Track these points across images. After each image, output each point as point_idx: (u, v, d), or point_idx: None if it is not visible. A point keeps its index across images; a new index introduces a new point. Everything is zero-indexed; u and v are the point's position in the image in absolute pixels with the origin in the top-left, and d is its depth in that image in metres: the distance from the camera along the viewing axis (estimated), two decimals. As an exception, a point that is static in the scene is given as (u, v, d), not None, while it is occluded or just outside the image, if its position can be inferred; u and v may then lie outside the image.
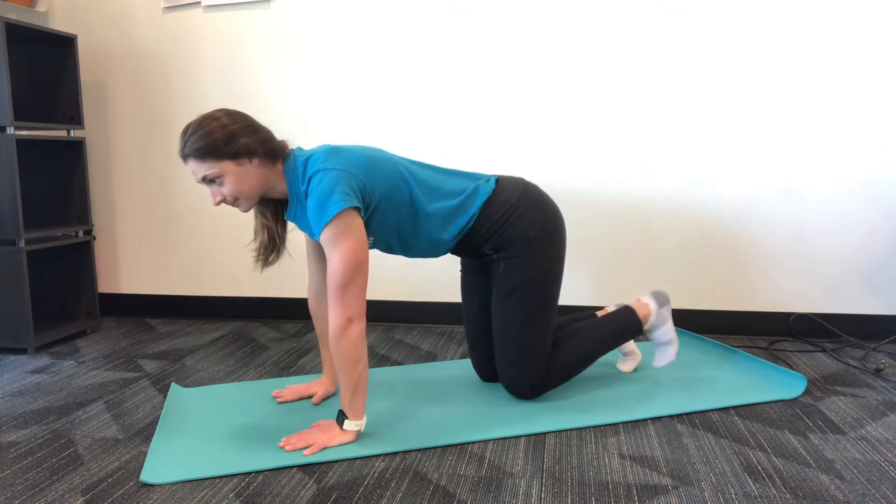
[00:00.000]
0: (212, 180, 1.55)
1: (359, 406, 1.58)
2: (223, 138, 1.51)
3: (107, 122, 2.87)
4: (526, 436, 1.64)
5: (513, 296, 1.75)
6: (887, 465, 1.47)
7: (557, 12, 2.45)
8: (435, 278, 2.68)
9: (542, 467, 1.48)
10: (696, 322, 2.52)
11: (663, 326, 1.91)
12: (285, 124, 2.70)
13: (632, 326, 1.89)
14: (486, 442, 1.61)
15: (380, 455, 1.54)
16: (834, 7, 2.28)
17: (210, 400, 1.90)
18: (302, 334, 2.60)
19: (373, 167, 1.61)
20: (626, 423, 1.70)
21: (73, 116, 2.61)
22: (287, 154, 1.63)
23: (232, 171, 1.53)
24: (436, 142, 2.60)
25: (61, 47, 2.58)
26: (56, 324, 2.62)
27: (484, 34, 2.51)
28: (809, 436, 1.62)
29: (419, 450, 1.57)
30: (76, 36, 2.57)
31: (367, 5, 2.57)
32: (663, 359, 1.93)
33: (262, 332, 2.63)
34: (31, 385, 2.06)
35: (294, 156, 1.62)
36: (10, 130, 2.30)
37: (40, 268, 2.74)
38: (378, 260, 2.71)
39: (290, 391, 1.89)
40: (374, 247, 1.74)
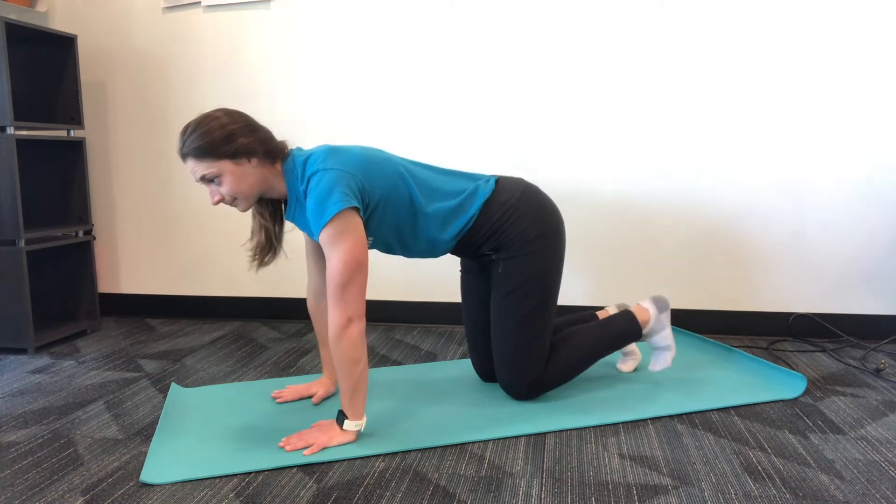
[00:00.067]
0: (210, 180, 1.55)
1: (359, 406, 1.58)
2: (222, 138, 1.51)
3: (107, 122, 2.87)
4: (526, 436, 1.64)
5: (512, 296, 1.75)
6: (887, 465, 1.47)
7: (557, 12, 2.45)
8: (435, 278, 2.68)
9: (542, 467, 1.48)
10: (696, 322, 2.52)
11: (662, 332, 1.91)
12: (285, 124, 2.70)
13: (631, 330, 1.89)
14: (486, 442, 1.61)
15: (380, 455, 1.54)
16: (834, 7, 2.29)
17: (210, 400, 1.90)
18: (302, 334, 2.60)
19: (372, 167, 1.61)
20: (626, 423, 1.70)
21: (73, 116, 2.61)
22: (286, 154, 1.62)
23: (230, 171, 1.53)
24: (436, 142, 2.60)
25: (61, 47, 2.58)
26: (56, 324, 2.62)
27: (484, 34, 2.51)
28: (809, 436, 1.62)
29: (419, 450, 1.57)
30: (76, 36, 2.57)
31: (367, 5, 2.57)
32: (659, 364, 1.93)
33: (262, 332, 2.63)
34: (31, 385, 2.06)
35: (293, 156, 1.62)
36: (10, 130, 2.30)
37: (40, 268, 2.74)
38: (378, 260, 2.71)
39: (290, 391, 1.89)
40: (374, 247, 1.74)
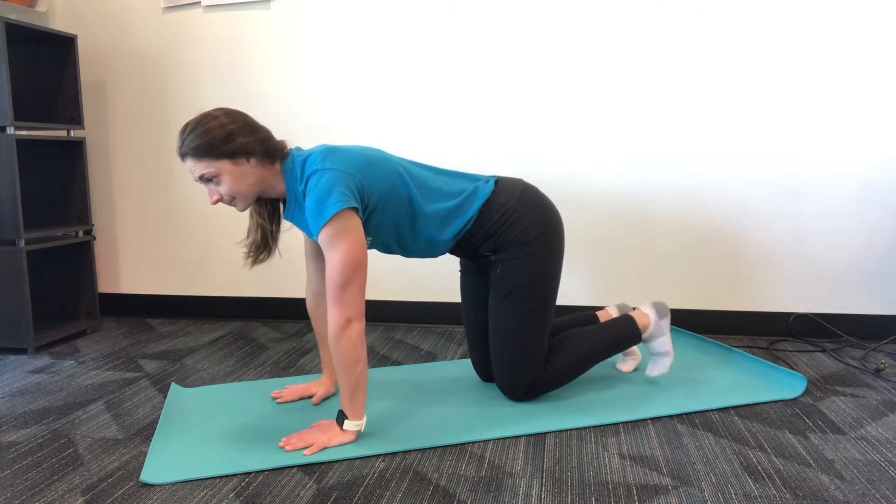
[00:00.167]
0: (209, 179, 1.54)
1: (358, 406, 1.58)
2: (221, 137, 1.51)
3: (107, 122, 2.87)
4: (526, 436, 1.64)
5: (510, 297, 1.75)
6: (887, 465, 1.47)
7: (557, 12, 2.45)
8: (435, 278, 2.68)
9: (542, 467, 1.48)
10: (696, 322, 2.52)
11: (661, 338, 1.91)
12: (285, 124, 2.70)
13: (630, 335, 1.89)
14: (486, 442, 1.61)
15: (380, 455, 1.54)
16: (834, 8, 2.28)
17: (210, 400, 1.90)
18: (302, 334, 2.60)
19: (371, 167, 1.61)
20: (626, 423, 1.70)
21: (73, 116, 2.61)
22: (285, 154, 1.62)
23: (229, 171, 1.53)
24: (436, 142, 2.60)
25: (61, 47, 2.58)
26: (56, 324, 2.62)
27: (484, 34, 2.51)
28: (809, 436, 1.61)
29: (419, 450, 1.57)
30: (76, 36, 2.57)
31: (367, 5, 2.57)
32: (657, 370, 1.93)
33: (262, 332, 2.63)
34: (31, 385, 2.06)
35: (292, 155, 1.62)
36: (10, 130, 2.30)
37: (40, 268, 2.74)
38: (378, 260, 2.71)
39: (289, 391, 1.89)
40: (373, 247, 1.73)
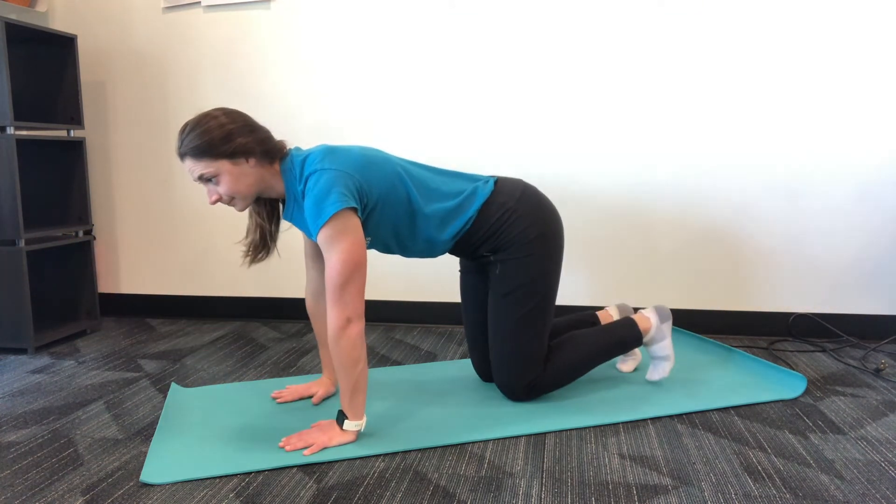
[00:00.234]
0: (208, 179, 1.54)
1: (358, 406, 1.58)
2: (220, 137, 1.51)
3: (107, 122, 2.87)
4: (526, 436, 1.64)
5: (509, 297, 1.75)
6: (887, 465, 1.47)
7: (557, 12, 2.45)
8: (435, 278, 2.68)
9: (542, 467, 1.48)
10: (696, 322, 2.52)
11: (662, 342, 1.91)
12: (285, 124, 2.70)
13: (631, 338, 1.89)
14: (486, 442, 1.61)
15: (380, 455, 1.54)
16: (834, 9, 2.28)
17: (210, 400, 1.90)
18: (302, 334, 2.60)
19: (370, 167, 1.61)
20: (626, 423, 1.70)
21: (73, 116, 2.61)
22: (285, 154, 1.62)
23: (228, 171, 1.53)
24: (436, 141, 2.60)
25: (61, 47, 2.58)
26: (56, 324, 2.62)
27: (484, 34, 2.51)
28: (809, 436, 1.61)
29: (419, 450, 1.57)
30: (76, 36, 2.57)
31: (367, 5, 2.57)
32: (657, 374, 1.93)
33: (262, 332, 2.63)
34: (31, 385, 2.06)
35: (291, 156, 1.62)
36: (10, 130, 2.30)
37: (40, 268, 2.74)
38: (378, 260, 2.71)
39: (289, 391, 1.89)
40: (372, 247, 1.73)
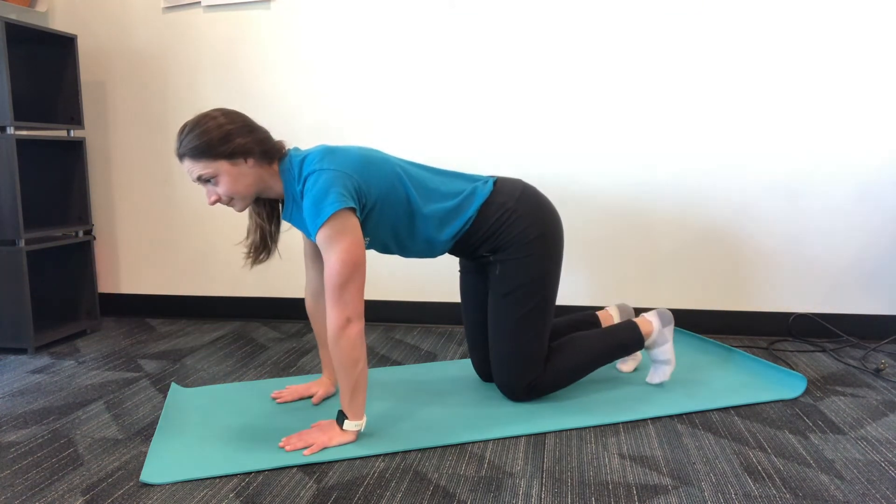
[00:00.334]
0: (207, 180, 1.55)
1: (358, 406, 1.58)
2: (219, 138, 1.51)
3: (107, 122, 2.87)
4: (526, 436, 1.64)
5: (509, 298, 1.75)
6: (887, 465, 1.47)
7: (557, 12, 2.45)
8: (435, 278, 2.68)
9: (542, 467, 1.48)
10: (696, 322, 2.52)
11: (663, 345, 1.91)
12: (285, 124, 2.70)
13: (633, 341, 1.89)
14: (486, 442, 1.61)
15: (380, 455, 1.54)
16: (834, 9, 2.28)
17: (210, 400, 1.90)
18: (302, 334, 2.60)
19: (369, 167, 1.61)
20: (626, 423, 1.70)
21: (73, 116, 2.61)
22: (283, 154, 1.62)
23: (227, 171, 1.53)
24: (436, 141, 2.60)
25: (61, 47, 2.58)
26: (56, 324, 2.62)
27: (484, 34, 2.51)
28: (809, 436, 1.61)
29: (419, 450, 1.57)
30: (76, 36, 2.57)
31: (367, 6, 2.57)
32: (657, 377, 1.93)
33: (262, 332, 2.63)
34: (31, 385, 2.06)
35: (290, 156, 1.62)
36: (10, 130, 2.30)
37: (40, 268, 2.74)
38: (378, 260, 2.71)
39: (289, 391, 1.89)
40: (371, 247, 1.73)
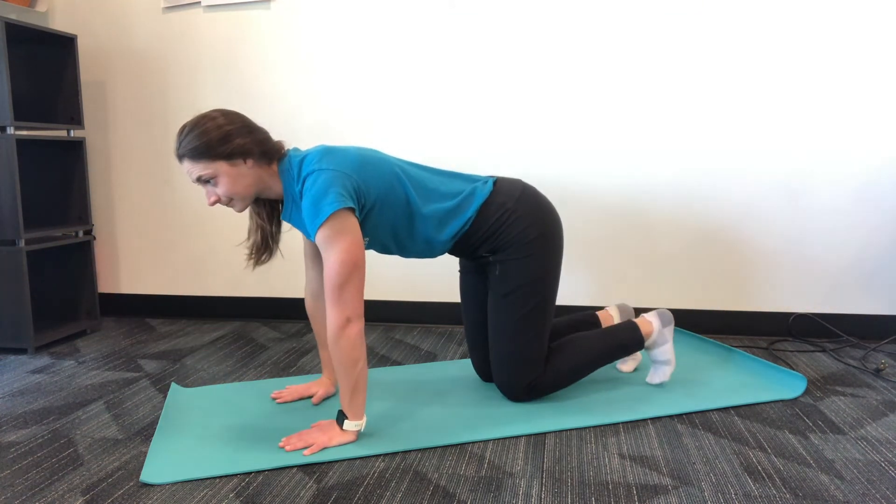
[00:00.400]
0: (206, 181, 1.55)
1: (358, 406, 1.58)
2: (218, 138, 1.51)
3: (107, 122, 2.87)
4: (526, 436, 1.64)
5: (509, 298, 1.75)
6: (887, 465, 1.47)
7: (557, 12, 2.45)
8: (435, 278, 2.68)
9: (542, 467, 1.48)
10: (696, 322, 2.52)
11: (663, 346, 1.91)
12: (285, 124, 2.70)
13: (633, 341, 1.88)
14: (486, 442, 1.61)
15: (380, 455, 1.54)
16: (834, 9, 2.28)
17: (210, 400, 1.90)
18: (302, 334, 2.60)
19: (367, 167, 1.61)
20: (626, 423, 1.70)
21: (73, 116, 2.61)
22: (283, 154, 1.63)
23: (226, 172, 1.53)
24: (436, 141, 2.60)
25: (61, 47, 2.58)
26: (56, 324, 2.62)
27: (484, 34, 2.51)
28: (809, 436, 1.61)
29: (419, 450, 1.57)
30: (76, 36, 2.57)
31: (367, 6, 2.57)
32: (657, 377, 1.93)
33: (262, 332, 2.63)
34: (31, 385, 2.06)
35: (290, 156, 1.62)
36: (10, 130, 2.30)
37: (40, 268, 2.74)
38: (378, 260, 2.71)
39: (289, 391, 1.89)
40: (370, 247, 1.74)
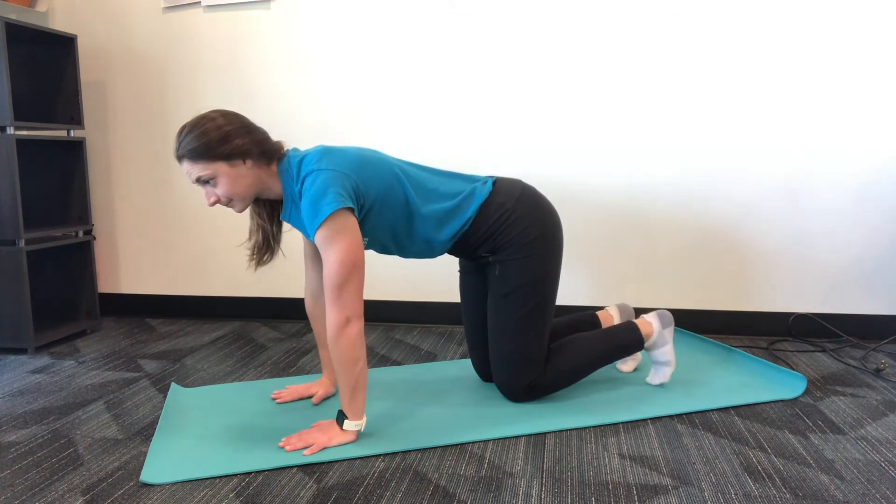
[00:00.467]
0: (206, 181, 1.55)
1: (358, 406, 1.58)
2: (217, 139, 1.51)
3: (107, 122, 2.87)
4: (526, 436, 1.64)
5: (509, 298, 1.75)
6: (887, 465, 1.47)
7: (557, 12, 2.45)
8: (435, 278, 2.68)
9: (542, 467, 1.48)
10: (696, 322, 2.52)
11: (663, 347, 1.91)
12: (285, 124, 2.70)
13: (633, 342, 1.88)
14: (486, 442, 1.61)
15: (380, 455, 1.54)
16: (834, 9, 2.28)
17: (210, 400, 1.90)
18: (302, 334, 2.60)
19: (366, 167, 1.61)
20: (626, 423, 1.70)
21: (73, 116, 2.61)
22: (282, 155, 1.63)
23: (225, 173, 1.53)
24: (436, 141, 2.60)
25: (61, 47, 2.58)
26: (56, 324, 2.62)
27: (484, 34, 2.51)
28: (809, 436, 1.62)
29: (419, 450, 1.57)
30: (76, 36, 2.57)
31: (367, 6, 2.57)
32: (657, 378, 1.93)
33: (262, 332, 2.63)
34: (31, 385, 2.06)
35: (289, 156, 1.62)
36: (10, 130, 2.30)
37: (40, 268, 2.74)
38: (378, 260, 2.71)
39: (289, 391, 1.89)
40: (369, 247, 1.74)
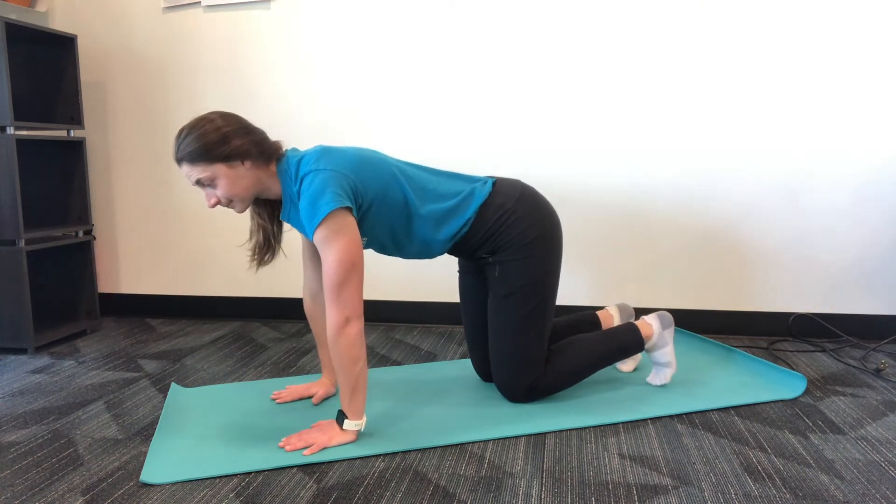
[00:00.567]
0: (205, 183, 1.55)
1: (358, 406, 1.58)
2: (216, 141, 1.51)
3: (107, 122, 2.87)
4: (526, 436, 1.64)
5: (509, 298, 1.75)
6: (887, 465, 1.47)
7: (557, 12, 2.45)
8: (435, 278, 2.68)
9: (542, 467, 1.48)
10: (696, 322, 2.52)
11: (664, 348, 1.91)
12: (285, 124, 2.70)
13: (633, 344, 1.88)
14: (486, 442, 1.61)
15: (380, 455, 1.55)
16: (834, 9, 2.28)
17: (210, 400, 1.90)
18: (302, 334, 2.60)
19: (365, 167, 1.61)
20: (626, 423, 1.70)
21: (73, 116, 2.61)
22: (281, 155, 1.63)
23: (224, 174, 1.54)
24: (436, 141, 2.60)
25: (61, 47, 2.58)
26: (56, 324, 2.62)
27: (484, 34, 2.51)
28: (809, 436, 1.62)
29: (419, 450, 1.57)
30: (76, 36, 2.57)
31: (367, 6, 2.57)
32: (658, 379, 1.93)
33: (262, 332, 2.63)
34: (31, 385, 2.06)
35: (288, 157, 1.62)
36: (10, 130, 2.30)
37: (40, 268, 2.74)
38: (378, 260, 2.71)
39: (289, 392, 1.89)
40: (368, 247, 1.74)
